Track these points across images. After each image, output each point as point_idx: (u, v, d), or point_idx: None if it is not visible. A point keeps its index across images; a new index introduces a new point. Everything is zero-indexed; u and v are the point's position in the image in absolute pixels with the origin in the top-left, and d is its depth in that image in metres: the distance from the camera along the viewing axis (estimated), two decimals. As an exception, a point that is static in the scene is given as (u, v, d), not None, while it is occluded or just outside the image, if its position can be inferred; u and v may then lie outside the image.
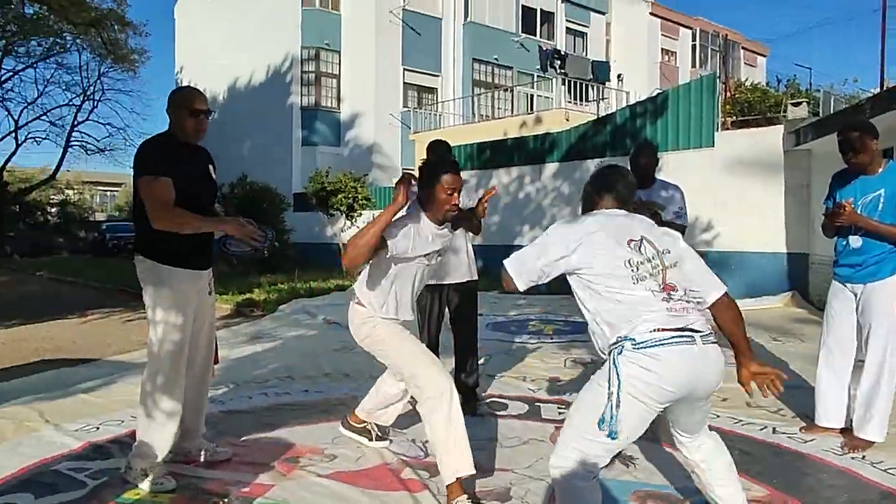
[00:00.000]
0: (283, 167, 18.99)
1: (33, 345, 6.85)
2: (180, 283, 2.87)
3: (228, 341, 6.59)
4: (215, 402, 4.15)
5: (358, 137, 19.69)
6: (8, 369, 5.57)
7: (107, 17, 18.73)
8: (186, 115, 2.90)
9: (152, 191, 2.78)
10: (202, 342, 3.07)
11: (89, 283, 13.62)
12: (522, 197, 12.00)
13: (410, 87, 20.36)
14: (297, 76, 19.48)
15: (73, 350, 6.48)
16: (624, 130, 10.51)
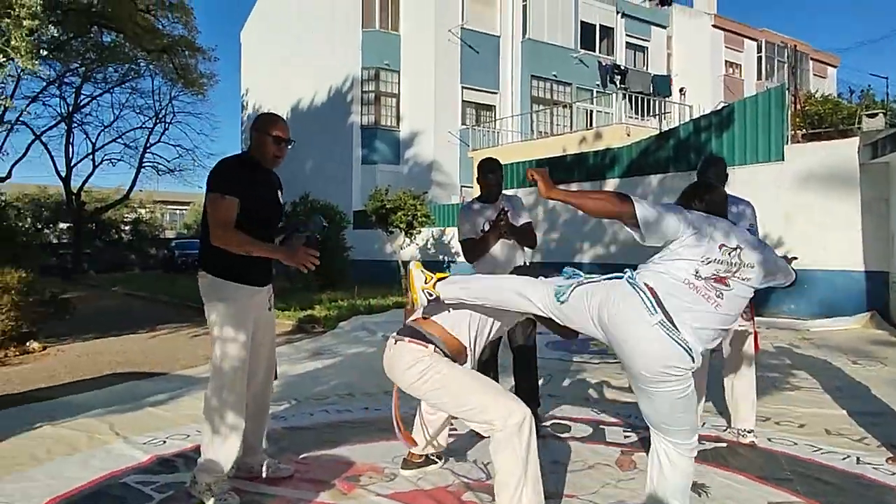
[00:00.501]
0: (343, 185, 19.31)
1: (107, 358, 7.11)
2: (240, 298, 2.91)
3: (290, 357, 6.68)
4: (277, 419, 4.18)
5: (417, 155, 19.85)
6: (84, 381, 5.79)
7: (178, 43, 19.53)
8: (269, 141, 2.99)
9: (216, 209, 2.84)
10: (263, 357, 3.09)
11: (159, 298, 14.11)
12: (582, 214, 11.77)
13: (469, 105, 20.45)
14: (357, 96, 19.83)
15: (143, 364, 6.69)
16: (688, 145, 10.24)
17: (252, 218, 2.89)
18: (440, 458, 3.23)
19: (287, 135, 3.04)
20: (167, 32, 19.45)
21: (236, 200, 2.85)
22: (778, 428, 3.87)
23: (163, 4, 19.03)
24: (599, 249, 11.56)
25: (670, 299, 2.20)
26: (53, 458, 3.47)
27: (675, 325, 2.17)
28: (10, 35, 6.82)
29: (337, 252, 14.54)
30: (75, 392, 5.19)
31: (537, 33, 20.98)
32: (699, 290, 2.21)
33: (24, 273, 7.70)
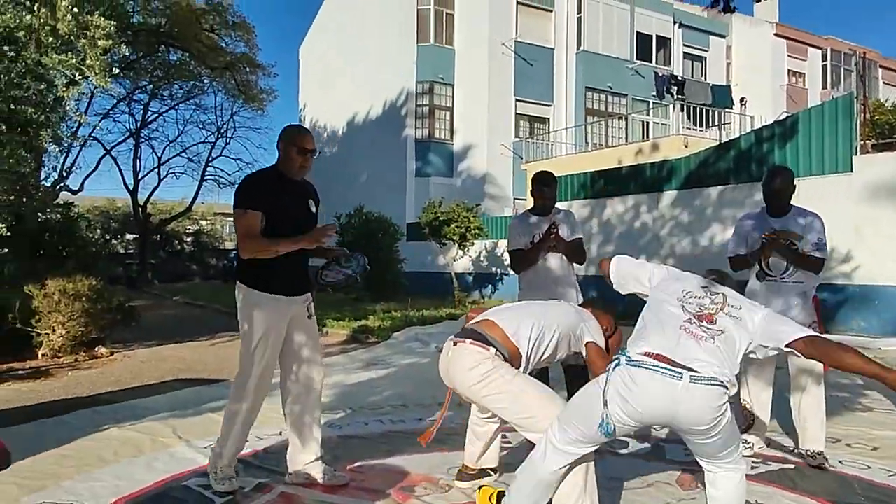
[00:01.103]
0: (397, 198, 19.49)
1: (170, 364, 7.35)
2: (272, 308, 3.01)
3: (345, 367, 6.76)
4: (332, 427, 4.22)
5: (470, 168, 19.90)
6: (148, 386, 5.99)
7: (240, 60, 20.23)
8: (294, 153, 3.05)
9: (240, 223, 2.97)
10: (304, 361, 3.16)
11: (218, 307, 14.51)
12: (638, 226, 11.62)
13: (522, 118, 20.41)
14: (411, 110, 20.04)
15: (203, 370, 6.90)
16: (749, 156, 9.96)
17: (281, 228, 2.99)
18: (495, 471, 3.19)
19: (312, 146, 3.10)
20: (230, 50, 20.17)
21: (259, 214, 2.95)
22: (850, 450, 3.70)
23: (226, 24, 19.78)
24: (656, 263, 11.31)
25: (679, 351, 2.12)
26: (120, 460, 3.58)
27: (698, 370, 2.07)
28: (85, 54, 7.18)
29: (390, 264, 14.68)
30: (140, 396, 5.37)
31: (592, 45, 20.83)
32: (694, 334, 2.17)
33: (95, 281, 8.03)
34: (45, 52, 6.98)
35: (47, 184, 12.90)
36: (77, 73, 7.19)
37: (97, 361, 7.59)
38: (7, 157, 6.94)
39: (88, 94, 17.07)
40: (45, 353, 7.56)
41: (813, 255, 3.47)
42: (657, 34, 22.21)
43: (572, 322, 2.86)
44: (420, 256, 16.80)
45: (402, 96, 20.32)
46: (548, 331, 2.78)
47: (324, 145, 25.08)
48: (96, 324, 7.89)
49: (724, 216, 10.24)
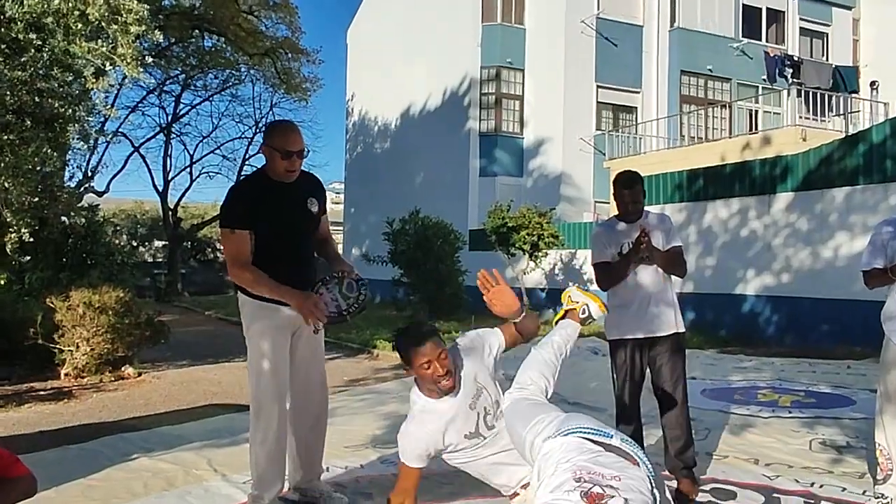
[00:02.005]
0: (458, 200, 19.58)
1: (203, 387, 7.58)
2: (275, 319, 3.14)
3: (400, 394, 6.76)
4: (386, 463, 4.26)
5: (543, 166, 19.83)
6: (180, 411, 6.18)
7: (281, 45, 20.72)
8: (278, 157, 3.11)
9: (227, 246, 3.14)
10: (314, 379, 3.34)
11: (255, 324, 14.85)
12: (746, 235, 11.33)
13: (605, 107, 20.22)
14: (475, 99, 20.13)
15: (239, 395, 7.03)
16: (882, 151, 9.58)
17: (275, 240, 3.13)
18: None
19: (297, 146, 3.12)
20: (270, 34, 20.69)
21: (246, 233, 3.08)
22: None
23: (266, 4, 20.32)
24: (768, 279, 11.01)
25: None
26: (150, 493, 3.72)
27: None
28: (116, 42, 7.50)
29: (450, 276, 14.73)
30: (171, 422, 5.55)
31: (689, 20, 20.48)
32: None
33: (122, 293, 8.35)
34: (74, 39, 7.32)
35: (72, 184, 13.52)
36: (107, 62, 7.51)
37: (124, 382, 7.89)
38: (31, 156, 7.30)
39: (117, 86, 17.87)
40: (68, 371, 7.90)
41: None
42: (768, 6, 21.66)
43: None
44: (484, 268, 16.77)
45: (464, 84, 20.46)
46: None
47: (374, 141, 25.47)
48: (123, 340, 8.20)
49: (851, 223, 9.88)
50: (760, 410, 5.82)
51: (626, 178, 3.89)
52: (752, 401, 6.20)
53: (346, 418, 5.54)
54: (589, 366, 8.30)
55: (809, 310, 10.30)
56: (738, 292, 11.38)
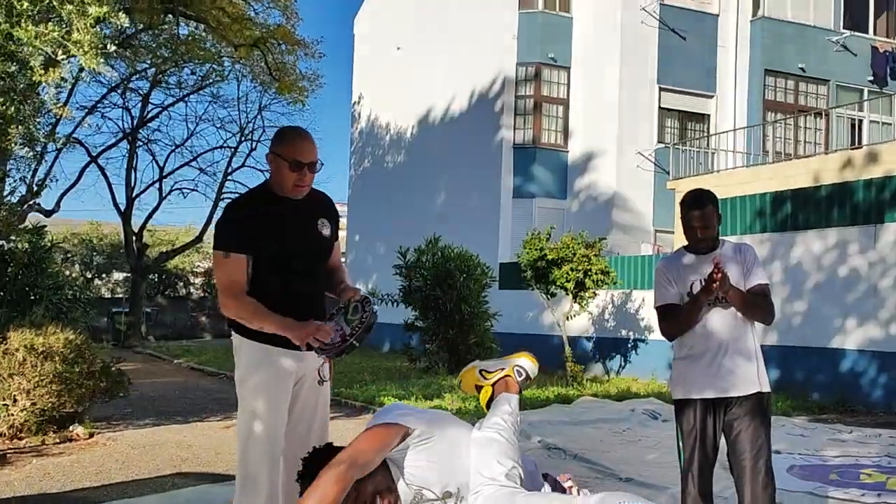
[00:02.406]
0: (487, 226, 19.63)
1: (170, 451, 7.58)
2: (275, 364, 3.19)
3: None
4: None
5: (592, 186, 19.85)
6: (141, 481, 6.18)
7: (273, 34, 20.91)
8: (285, 168, 3.17)
9: (220, 271, 3.18)
10: (312, 441, 3.28)
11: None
12: (846, 274, 11.25)
13: (669, 114, 20.26)
14: (509, 104, 20.26)
15: (215, 462, 7.06)
16: None
17: (280, 269, 3.18)
18: None
19: (309, 157, 3.19)
20: (260, 21, 20.93)
21: (244, 258, 3.14)
22: None
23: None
24: (874, 330, 10.90)
25: None
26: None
27: None
28: (71, 26, 7.58)
29: (476, 319, 14.71)
30: (129, 495, 5.55)
31: (776, 9, 20.56)
32: None
33: (73, 335, 8.40)
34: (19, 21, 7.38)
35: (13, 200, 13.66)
36: (60, 50, 7.57)
37: (72, 445, 7.90)
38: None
39: (71, 80, 18.14)
40: (2, 431, 7.92)
41: None
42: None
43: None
44: (518, 310, 16.76)
45: (496, 84, 20.62)
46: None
47: (385, 153, 25.66)
48: (72, 393, 8.21)
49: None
50: (864, 495, 5.73)
51: (695, 197, 3.88)
52: (851, 482, 6.13)
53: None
54: (646, 433, 8.20)
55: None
56: (836, 346, 11.27)
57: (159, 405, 10.99)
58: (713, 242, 3.88)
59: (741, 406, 3.72)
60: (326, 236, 3.37)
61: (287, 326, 3.11)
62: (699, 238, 3.86)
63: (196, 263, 38.64)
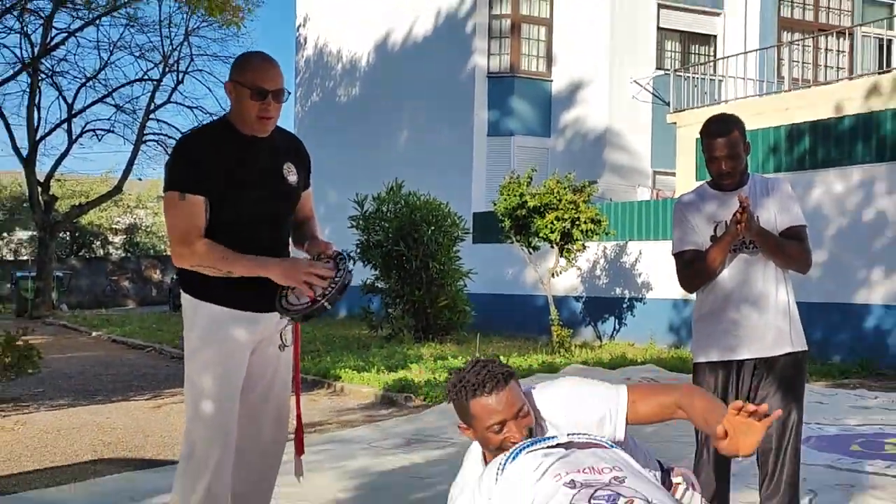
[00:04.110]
0: (457, 170, 19.60)
1: (89, 436, 7.61)
2: (229, 329, 3.22)
3: (373, 444, 6.88)
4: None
5: (580, 121, 19.87)
6: (56, 469, 6.21)
7: (202, -57, 20.69)
8: (248, 97, 3.17)
9: (173, 215, 3.19)
10: (267, 417, 3.42)
11: (166, 350, 14.86)
12: (872, 218, 11.40)
13: (670, 35, 20.28)
14: (482, 25, 20.12)
15: (142, 446, 7.12)
16: None
17: (240, 216, 3.21)
18: None
19: (275, 84, 3.20)
20: (185, -73, 20.66)
21: (201, 199, 3.14)
22: None
23: None
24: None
25: None
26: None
27: None
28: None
29: (446, 280, 14.76)
30: (44, 485, 5.57)
31: (791, -90, 20.56)
32: None
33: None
34: None
35: None
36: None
37: (-26, 430, 7.91)
38: None
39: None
40: None
41: None
42: None
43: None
44: (495, 267, 16.83)
45: (466, 2, 20.47)
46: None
47: (336, 85, 25.46)
48: (-27, 372, 8.22)
49: None
50: (889, 467, 5.89)
51: (720, 123, 3.79)
52: (876, 452, 6.28)
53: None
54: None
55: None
56: (860, 301, 11.45)
57: (76, 383, 10.98)
58: (741, 177, 3.80)
59: (772, 369, 3.69)
60: (292, 182, 3.38)
61: (268, 266, 3.15)
62: (724, 171, 3.73)
63: (115, 218, 38.30)
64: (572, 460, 2.21)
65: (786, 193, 3.87)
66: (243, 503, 3.45)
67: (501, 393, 2.51)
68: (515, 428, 2.50)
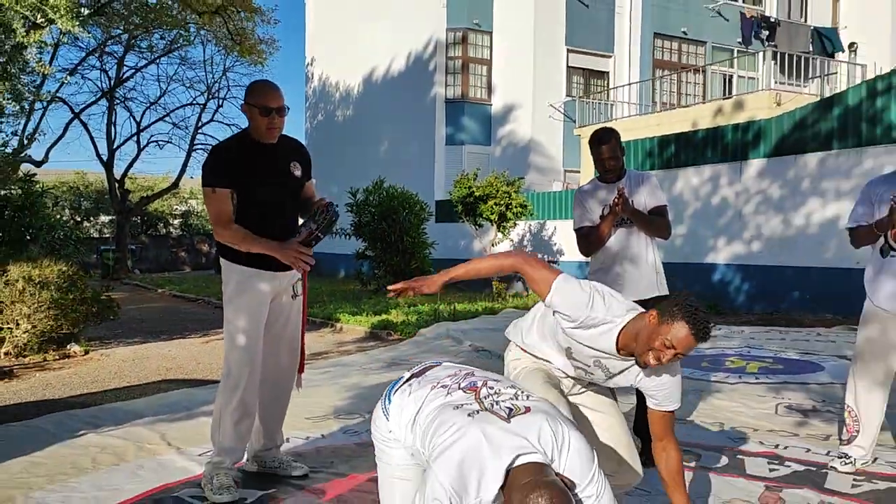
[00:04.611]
0: (424, 170, 19.57)
1: (155, 363, 7.58)
2: (254, 284, 3.28)
3: (363, 367, 6.90)
4: (349, 433, 4.35)
5: (512, 134, 19.86)
6: (131, 387, 6.19)
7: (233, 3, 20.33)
8: (258, 114, 3.24)
9: (209, 205, 3.26)
10: (283, 348, 3.48)
11: (212, 301, 14.79)
12: (717, 202, 11.53)
13: (576, 72, 20.27)
14: (441, 64, 20.01)
15: (195, 370, 7.11)
16: (858, 114, 9.79)
17: (257, 201, 3.25)
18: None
19: (277, 103, 3.25)
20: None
21: (228, 191, 3.22)
22: (975, 467, 3.68)
23: (216, -42, 19.90)
24: (739, 247, 11.24)
25: None
26: (99, 469, 3.73)
27: None
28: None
29: (416, 248, 14.78)
30: (122, 399, 5.57)
31: (663, -19, 20.56)
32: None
33: (65, 267, 8.26)
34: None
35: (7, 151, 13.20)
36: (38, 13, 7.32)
37: (70, 361, 7.84)
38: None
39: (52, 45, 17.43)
40: (8, 350, 7.81)
41: None
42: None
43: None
44: (451, 240, 16.85)
45: (429, 47, 20.34)
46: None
47: (336, 108, 25.27)
48: (68, 317, 8.12)
49: (824, 189, 10.11)
50: (727, 377, 6.00)
51: (602, 133, 3.85)
52: (719, 367, 6.38)
53: (308, 390, 5.53)
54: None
55: (780, 278, 10.56)
56: (709, 261, 11.61)
57: (146, 326, 10.92)
58: (620, 172, 3.86)
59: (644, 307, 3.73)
60: (297, 176, 3.43)
61: (273, 247, 3.22)
62: (607, 168, 3.83)
63: (174, 207, 37.93)
64: (430, 376, 2.17)
65: (653, 183, 3.94)
66: (267, 410, 3.51)
67: (693, 347, 2.28)
68: (664, 359, 2.25)
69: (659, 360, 2.26)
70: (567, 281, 2.46)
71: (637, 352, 2.32)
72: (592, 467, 1.84)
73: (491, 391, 1.99)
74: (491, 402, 1.93)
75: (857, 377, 3.68)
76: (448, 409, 1.94)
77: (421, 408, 2.04)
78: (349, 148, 22.99)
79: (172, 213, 37.69)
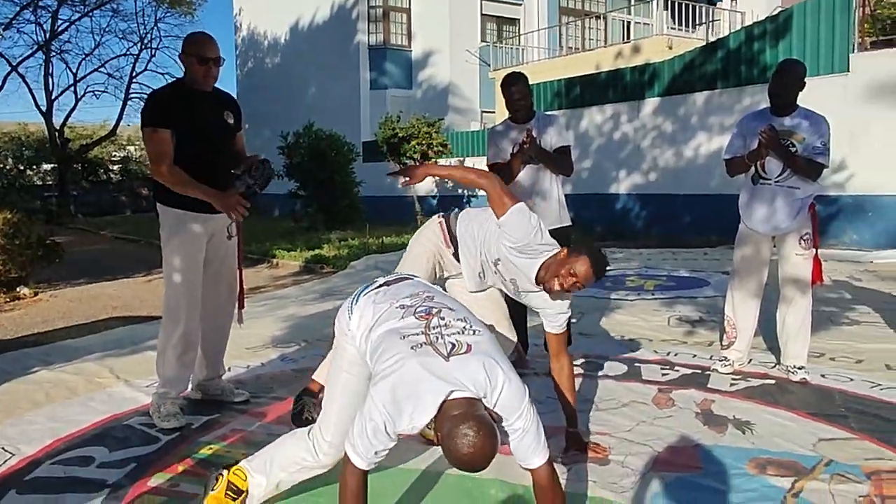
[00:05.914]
0: (350, 113, 19.18)
1: (102, 302, 7.34)
2: (189, 225, 3.19)
3: (298, 298, 6.83)
4: (286, 360, 4.32)
5: (431, 78, 19.60)
6: (79, 326, 5.99)
7: (160, -44, 19.26)
8: (195, 63, 3.17)
9: (149, 144, 3.14)
10: (222, 285, 3.43)
11: (153, 241, 14.30)
12: (618, 138, 11.70)
13: (489, 19, 20.02)
14: (363, 12, 19.45)
15: (139, 308, 6.91)
16: (738, 56, 10.01)
17: (193, 145, 3.14)
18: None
19: (213, 53, 3.19)
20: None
21: (168, 132, 3.10)
22: (833, 364, 3.92)
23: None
24: (637, 178, 11.48)
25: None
26: (53, 402, 3.63)
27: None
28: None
29: (345, 187, 14.59)
30: (71, 337, 5.38)
31: (567, -67, 20.31)
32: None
33: (10, 214, 7.86)
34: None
35: (-56, 105, 12.36)
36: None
37: (20, 303, 7.53)
38: None
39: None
40: (-43, 295, 7.46)
41: (814, 159, 3.52)
42: (640, -80, 21.71)
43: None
44: (378, 178, 16.60)
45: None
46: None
47: (264, 56, 24.38)
48: (15, 262, 7.77)
49: (710, 124, 10.37)
50: (627, 294, 6.19)
51: (511, 77, 3.88)
52: (620, 286, 6.58)
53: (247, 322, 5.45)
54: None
55: (673, 205, 10.87)
56: (612, 192, 11.84)
57: (91, 268, 10.52)
58: (529, 112, 3.88)
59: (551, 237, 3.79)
60: (230, 124, 3.35)
61: (210, 195, 3.11)
62: (517, 109, 3.86)
63: (112, 153, 36.41)
64: (394, 291, 2.20)
65: (560, 125, 3.99)
66: (209, 343, 3.46)
67: (591, 279, 2.48)
68: (566, 285, 2.46)
69: (562, 287, 2.47)
70: (521, 211, 2.65)
71: (546, 279, 2.54)
72: (522, 404, 1.87)
73: (441, 322, 1.99)
74: (437, 334, 1.94)
75: (734, 290, 3.84)
76: (395, 337, 1.96)
77: (375, 323, 2.07)
78: (279, 94, 22.28)
79: (112, 159, 36.12)
